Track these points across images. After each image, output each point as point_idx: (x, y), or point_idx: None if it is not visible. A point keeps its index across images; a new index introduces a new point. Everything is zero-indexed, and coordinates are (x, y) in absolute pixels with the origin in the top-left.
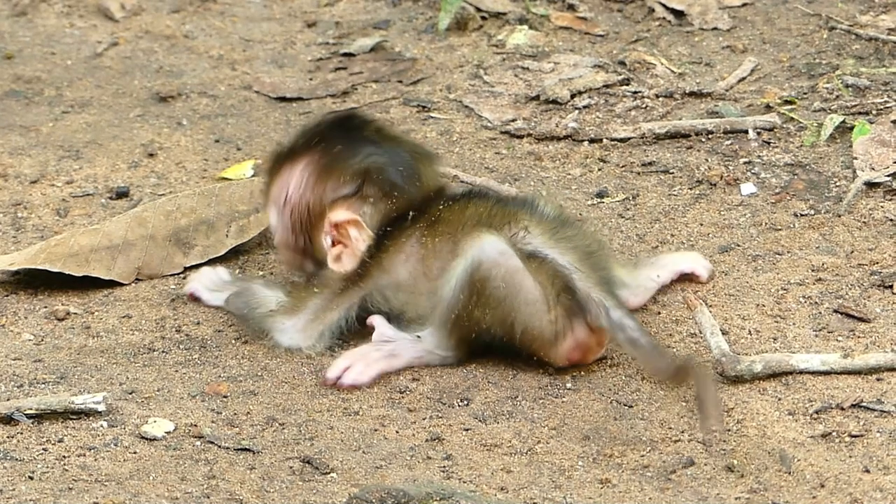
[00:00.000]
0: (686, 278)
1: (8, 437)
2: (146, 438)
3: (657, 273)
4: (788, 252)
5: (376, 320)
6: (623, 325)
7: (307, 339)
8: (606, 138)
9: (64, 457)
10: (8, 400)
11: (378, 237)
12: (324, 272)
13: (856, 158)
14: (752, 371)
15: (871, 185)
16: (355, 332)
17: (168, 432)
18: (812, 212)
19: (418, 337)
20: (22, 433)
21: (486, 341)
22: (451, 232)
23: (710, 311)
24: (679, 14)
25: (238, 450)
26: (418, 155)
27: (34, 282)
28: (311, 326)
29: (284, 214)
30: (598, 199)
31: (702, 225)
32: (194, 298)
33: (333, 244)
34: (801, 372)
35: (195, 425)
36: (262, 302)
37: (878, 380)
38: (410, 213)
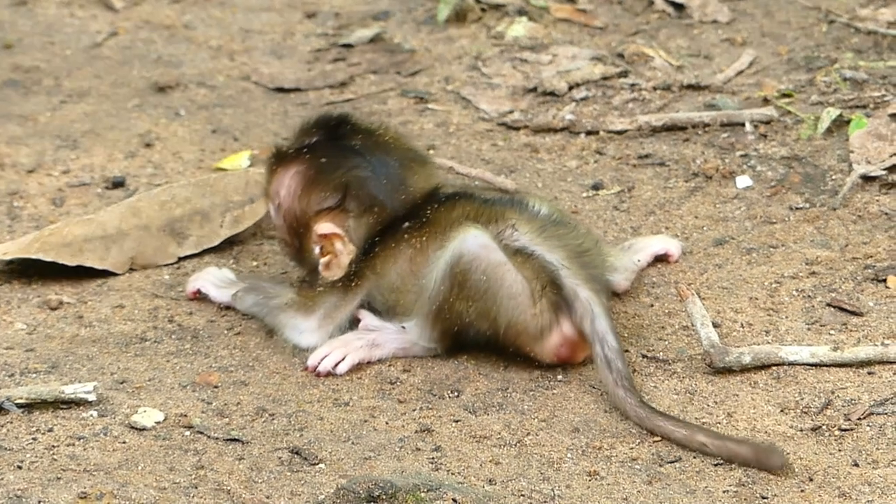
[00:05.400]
0: (661, 260)
1: None
2: (136, 428)
3: (637, 258)
4: (783, 245)
5: (363, 313)
6: (605, 340)
7: (322, 338)
8: (603, 130)
9: (53, 446)
10: None
11: (369, 243)
12: (319, 275)
13: (852, 152)
14: (741, 362)
15: (866, 179)
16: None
17: (158, 422)
18: (807, 205)
19: (403, 328)
20: (12, 423)
21: (473, 337)
22: (439, 231)
23: (704, 304)
24: (679, 7)
25: (227, 440)
26: (408, 161)
27: (28, 271)
28: (324, 326)
29: (279, 217)
30: (594, 192)
31: (697, 217)
32: (198, 296)
33: (322, 254)
34: (790, 364)
35: (185, 415)
36: (273, 301)
37: (869, 373)
38: (399, 219)
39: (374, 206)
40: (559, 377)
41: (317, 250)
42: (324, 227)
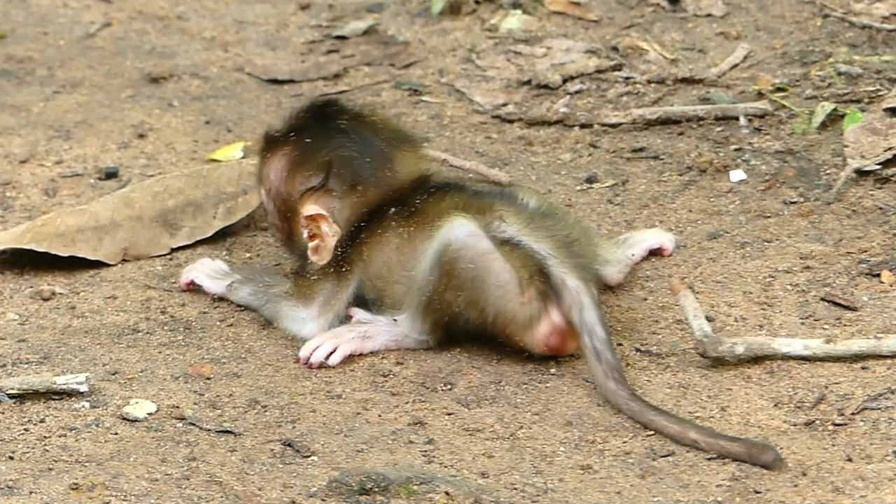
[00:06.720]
0: (654, 253)
1: None
2: (128, 419)
3: (631, 252)
4: (777, 239)
5: (354, 310)
6: (593, 331)
7: (322, 326)
8: (597, 124)
9: (45, 437)
10: None
11: (358, 227)
12: (310, 261)
13: (846, 146)
14: (735, 353)
15: (861, 174)
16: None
17: (150, 413)
18: (801, 199)
19: (395, 320)
20: (3, 413)
21: (463, 327)
22: (426, 221)
23: (697, 298)
24: (673, 0)
25: (219, 432)
26: (397, 142)
27: (20, 261)
28: (324, 313)
29: (270, 202)
30: (588, 185)
31: (691, 211)
32: (191, 287)
33: (310, 237)
34: (783, 357)
35: (177, 407)
36: (271, 290)
37: (863, 368)
38: (387, 203)
39: (358, 185)
40: (552, 371)
41: (305, 234)
42: (309, 208)
